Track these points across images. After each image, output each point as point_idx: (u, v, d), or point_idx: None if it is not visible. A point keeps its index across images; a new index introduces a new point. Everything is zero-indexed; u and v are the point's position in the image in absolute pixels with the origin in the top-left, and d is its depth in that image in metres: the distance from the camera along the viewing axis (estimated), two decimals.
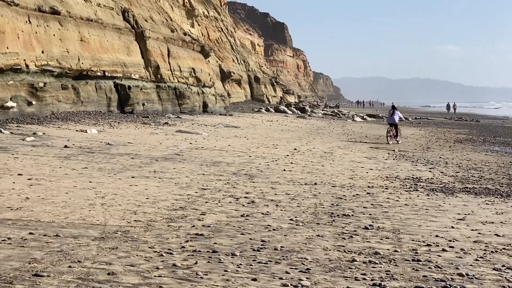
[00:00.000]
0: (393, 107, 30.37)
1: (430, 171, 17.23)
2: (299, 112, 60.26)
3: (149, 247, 7.12)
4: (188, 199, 10.59)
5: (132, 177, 12.79)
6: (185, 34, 44.21)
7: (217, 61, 59.47)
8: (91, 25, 30.22)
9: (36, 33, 25.26)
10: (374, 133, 36.25)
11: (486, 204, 11.89)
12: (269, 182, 13.26)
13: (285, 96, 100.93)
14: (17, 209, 8.89)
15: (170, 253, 6.90)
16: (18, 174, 12.12)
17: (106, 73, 30.72)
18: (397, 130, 29.00)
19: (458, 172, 17.30)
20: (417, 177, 15.62)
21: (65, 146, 17.54)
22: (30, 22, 24.89)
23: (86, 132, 21.93)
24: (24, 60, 23.65)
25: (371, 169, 17.09)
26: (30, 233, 7.46)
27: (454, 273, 6.71)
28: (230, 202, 10.54)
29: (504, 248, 8.04)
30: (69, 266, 6.17)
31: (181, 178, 13.08)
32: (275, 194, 11.71)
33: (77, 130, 22.17)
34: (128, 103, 32.42)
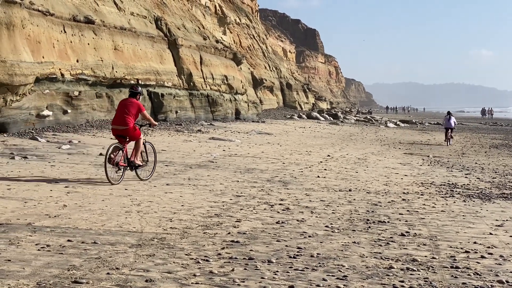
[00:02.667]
0: (449, 113, 34.69)
1: (466, 177, 17.02)
2: (332, 119, 60.09)
3: (186, 254, 7.15)
4: (223, 206, 10.62)
5: (167, 185, 12.86)
6: (217, 41, 44.42)
7: (249, 68, 59.62)
8: (124, 33, 30.55)
9: (71, 42, 25.62)
10: (408, 139, 35.97)
11: None
12: (303, 189, 13.23)
13: (317, 102, 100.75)
14: (55, 216, 9.00)
15: (207, 260, 6.91)
16: (55, 182, 12.28)
17: (140, 81, 30.98)
18: (452, 133, 33.47)
19: (495, 178, 17.05)
20: (453, 183, 15.44)
21: (100, 154, 17.71)
22: (65, 32, 25.26)
23: None
24: (60, 69, 24.01)
25: (405, 175, 16.94)
26: (69, 240, 7.54)
27: (493, 280, 6.61)
28: (265, 209, 10.54)
29: None
30: (108, 273, 6.22)
31: (215, 185, 13.12)
32: (310, 200, 11.67)
33: (111, 138, 22.37)
34: (161, 111, 32.66)
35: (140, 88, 13.94)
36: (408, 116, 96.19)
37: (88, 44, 26.95)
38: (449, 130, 32.92)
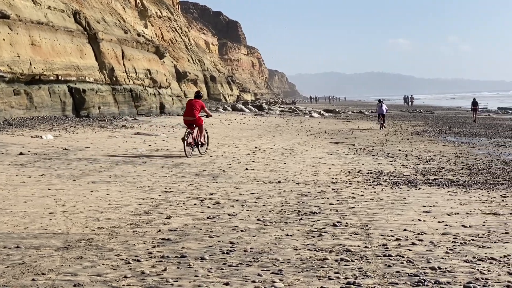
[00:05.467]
0: (380, 101, 38.24)
1: (391, 164, 17.29)
2: (257, 110, 60.22)
3: (115, 255, 6.89)
4: (152, 203, 10.36)
5: (93, 183, 12.48)
6: (138, 35, 43.70)
7: (172, 62, 59.01)
8: (42, 28, 29.60)
9: None
10: (333, 128, 36.40)
11: (450, 195, 11.93)
12: (233, 182, 13.10)
13: (242, 94, 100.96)
14: None
15: (138, 260, 6.68)
16: None
17: (60, 77, 30.13)
18: (384, 119, 36.79)
19: (419, 164, 17.40)
20: (379, 171, 15.64)
21: (21, 153, 17.09)
22: None
23: (41, 138, 21.44)
24: None
25: (333, 164, 17.06)
26: None
27: (426, 267, 6.65)
28: (195, 204, 10.35)
29: (472, 239, 8.03)
30: (33, 279, 5.91)
31: (143, 182, 12.82)
32: (240, 194, 11.56)
33: (32, 136, 21.65)
34: (83, 107, 31.87)
35: (201, 92, 19.48)
36: (331, 106, 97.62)
37: (4, 39, 25.96)
38: (381, 116, 36.45)
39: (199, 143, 18.78)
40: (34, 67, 27.73)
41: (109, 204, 10.13)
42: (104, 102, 34.43)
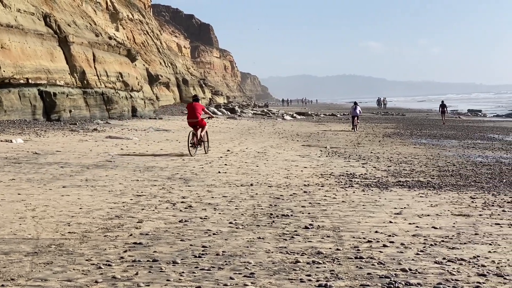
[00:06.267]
0: (355, 103, 39.71)
1: (363, 167, 17.40)
2: (229, 113, 60.22)
3: (86, 260, 6.84)
4: (124, 207, 10.30)
5: (63, 187, 12.36)
6: (110, 38, 43.43)
7: (144, 65, 58.73)
8: (11, 31, 29.27)
9: None
10: (305, 131, 36.52)
11: (420, 197, 12.05)
12: (205, 185, 13.07)
13: (214, 97, 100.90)
14: None
15: (109, 265, 6.64)
16: None
17: (30, 81, 29.82)
18: (358, 119, 38.51)
19: (390, 166, 17.53)
20: (351, 173, 15.73)
21: None
22: None
23: (11, 142, 21.18)
24: None
25: (305, 167, 17.12)
26: None
27: (397, 269, 6.70)
28: (167, 207, 10.30)
29: (442, 241, 8.12)
30: (2, 285, 5.84)
31: (114, 186, 12.73)
32: (212, 197, 11.54)
33: (1, 141, 21.39)
34: (54, 111, 31.57)
35: (199, 96, 23.55)
36: (304, 108, 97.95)
37: None
38: (356, 118, 37.99)
39: (203, 139, 20.38)
40: (4, 71, 27.41)
41: (80, 208, 10.05)
42: (75, 105, 34.14)
